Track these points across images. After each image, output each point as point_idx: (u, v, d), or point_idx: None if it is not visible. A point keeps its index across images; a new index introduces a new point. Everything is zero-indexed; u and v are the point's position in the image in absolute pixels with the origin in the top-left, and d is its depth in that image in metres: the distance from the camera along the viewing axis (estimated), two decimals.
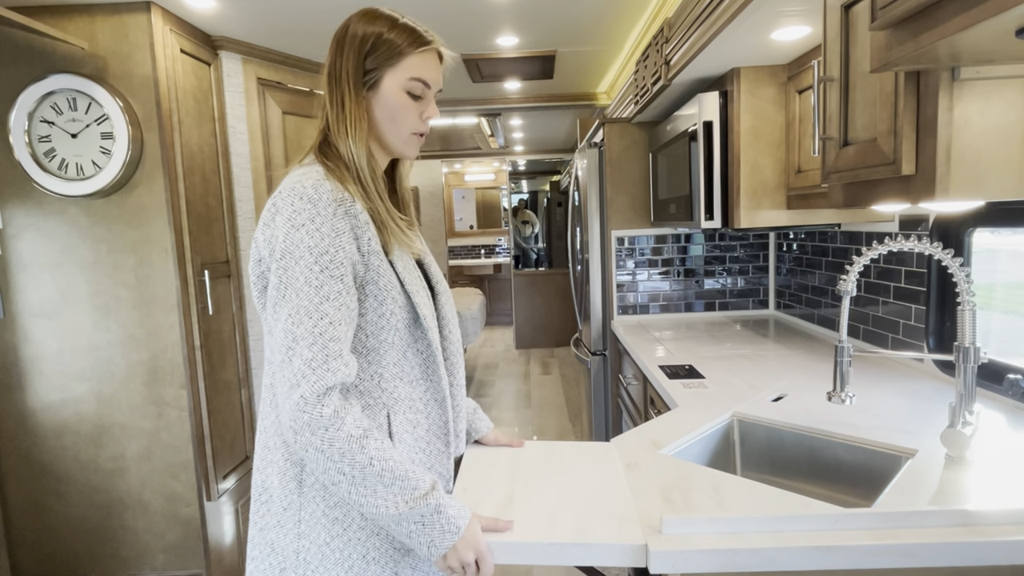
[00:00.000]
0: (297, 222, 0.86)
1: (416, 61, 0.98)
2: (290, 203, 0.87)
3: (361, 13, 0.99)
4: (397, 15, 1.00)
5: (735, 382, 1.67)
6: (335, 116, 0.98)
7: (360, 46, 0.96)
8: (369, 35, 0.96)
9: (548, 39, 2.82)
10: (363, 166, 0.96)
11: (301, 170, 0.94)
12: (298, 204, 0.87)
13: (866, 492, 1.23)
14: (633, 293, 2.83)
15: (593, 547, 0.88)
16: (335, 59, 0.98)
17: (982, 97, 0.97)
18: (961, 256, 1.52)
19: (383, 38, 0.96)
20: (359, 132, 0.97)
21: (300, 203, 0.87)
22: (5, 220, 2.18)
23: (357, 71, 0.97)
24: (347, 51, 0.97)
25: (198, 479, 2.30)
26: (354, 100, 0.97)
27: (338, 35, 1.00)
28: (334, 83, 0.98)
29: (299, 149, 2.89)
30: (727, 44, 1.64)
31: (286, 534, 0.91)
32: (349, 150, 0.96)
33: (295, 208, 0.87)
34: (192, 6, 2.19)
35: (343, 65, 0.97)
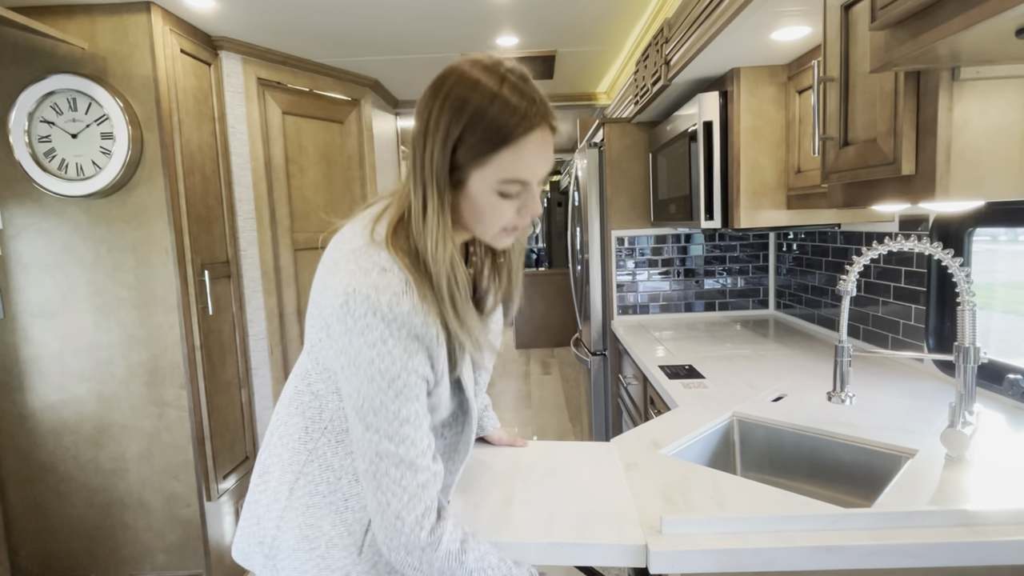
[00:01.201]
0: (370, 340, 0.79)
1: (512, 156, 0.81)
2: (363, 315, 0.79)
3: (461, 74, 0.81)
4: (502, 70, 0.81)
5: (735, 382, 1.67)
6: (417, 208, 0.83)
7: (448, 130, 0.80)
8: (461, 116, 0.79)
9: (548, 39, 2.82)
10: (441, 284, 0.83)
11: (374, 257, 0.82)
12: (371, 320, 0.79)
13: (866, 492, 1.23)
14: (633, 293, 2.83)
15: (593, 547, 0.88)
16: (424, 133, 0.82)
17: (982, 97, 0.97)
18: (961, 256, 1.51)
19: (477, 122, 0.79)
20: (442, 243, 0.82)
21: (373, 319, 0.79)
22: (5, 220, 2.18)
23: (443, 165, 0.81)
24: (436, 132, 0.81)
25: (198, 479, 2.30)
26: (436, 200, 0.82)
27: (434, 96, 0.82)
28: (419, 168, 0.83)
29: (299, 149, 2.89)
30: (727, 44, 1.64)
31: (270, 518, 0.94)
32: (429, 257, 0.82)
33: (367, 323, 0.79)
34: (192, 6, 2.19)
35: (429, 150, 0.81)
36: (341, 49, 2.77)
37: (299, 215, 2.90)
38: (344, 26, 2.45)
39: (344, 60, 2.96)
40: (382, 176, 3.48)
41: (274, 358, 2.77)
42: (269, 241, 2.72)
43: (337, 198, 3.12)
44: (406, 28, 2.53)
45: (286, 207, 2.83)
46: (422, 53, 2.92)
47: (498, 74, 0.81)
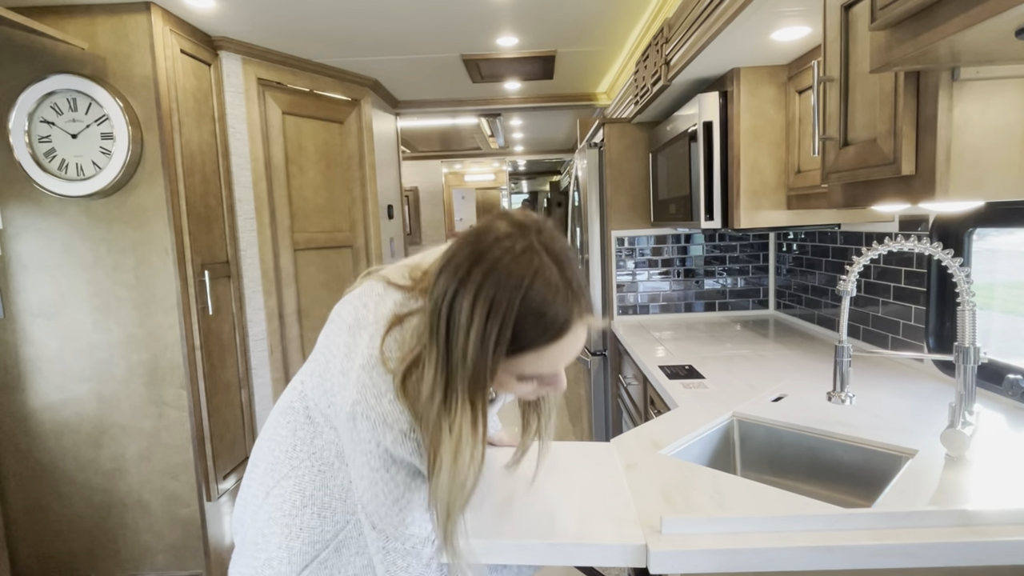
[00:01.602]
0: (372, 464, 0.80)
1: (545, 354, 0.74)
2: (367, 441, 0.78)
3: (495, 263, 0.70)
4: (542, 254, 0.71)
5: (735, 382, 1.67)
6: (437, 403, 0.75)
7: (484, 330, 0.70)
8: (497, 316, 0.69)
9: (548, 39, 2.82)
10: (456, 480, 0.78)
11: (391, 399, 0.77)
12: (374, 448, 0.79)
13: (866, 492, 1.23)
14: (633, 293, 2.83)
15: (593, 547, 0.88)
16: (454, 326, 0.71)
17: (982, 97, 0.97)
18: (961, 256, 1.51)
19: (513, 323, 0.70)
20: (469, 455, 0.76)
21: (376, 449, 0.79)
22: (5, 220, 2.18)
23: (481, 366, 0.72)
24: (470, 329, 0.70)
25: (198, 479, 2.30)
26: (469, 411, 0.74)
27: (465, 285, 0.71)
28: (442, 357, 0.73)
29: (299, 149, 2.89)
30: (727, 44, 1.64)
31: (248, 507, 0.98)
32: (445, 467, 0.77)
33: (370, 450, 0.79)
34: (192, 6, 2.19)
35: (460, 347, 0.71)
36: (341, 49, 2.77)
37: (299, 215, 2.90)
38: (344, 26, 2.45)
39: (344, 60, 2.96)
40: (382, 176, 3.48)
41: (274, 358, 2.77)
42: (269, 241, 2.72)
43: (337, 198, 3.12)
44: (406, 28, 2.53)
45: (286, 207, 2.83)
46: (422, 53, 2.92)
47: (537, 261, 0.71)
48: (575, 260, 0.75)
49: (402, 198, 4.05)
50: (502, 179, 8.11)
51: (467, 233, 0.76)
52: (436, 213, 6.99)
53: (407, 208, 6.16)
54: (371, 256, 3.28)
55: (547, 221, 0.77)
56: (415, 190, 6.75)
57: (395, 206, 3.78)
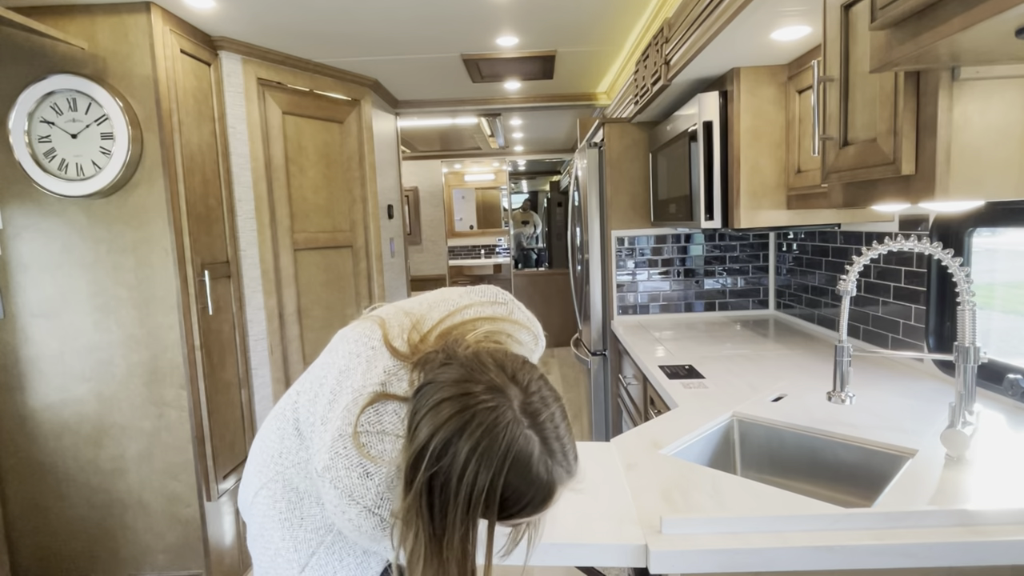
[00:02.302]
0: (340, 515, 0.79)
1: (523, 518, 0.75)
2: (336, 499, 0.78)
3: (493, 440, 0.68)
4: (546, 432, 0.72)
5: (735, 382, 1.67)
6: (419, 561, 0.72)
7: (474, 508, 0.69)
8: (486, 501, 0.69)
9: (548, 39, 2.82)
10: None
11: (362, 473, 0.77)
12: (340, 516, 0.79)
13: (866, 492, 1.23)
14: (633, 293, 2.83)
15: (593, 547, 0.88)
16: (447, 497, 0.69)
17: (982, 97, 0.97)
18: (961, 256, 1.51)
19: (501, 504, 0.70)
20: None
21: (342, 517, 0.79)
22: (5, 220, 2.18)
23: (466, 537, 0.70)
24: (456, 508, 0.69)
25: (198, 479, 2.30)
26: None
27: (457, 450, 0.68)
28: (428, 526, 0.71)
29: (299, 149, 2.89)
30: (727, 44, 1.64)
31: (246, 497, 1.00)
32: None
33: (339, 508, 0.79)
34: (192, 6, 2.19)
35: (452, 519, 0.69)
36: (341, 49, 2.77)
37: (299, 215, 2.90)
38: (344, 26, 2.45)
39: (344, 60, 2.96)
40: (382, 176, 3.48)
41: (274, 358, 2.77)
42: (269, 241, 2.72)
43: (337, 198, 3.12)
44: (406, 28, 2.53)
45: (286, 207, 2.83)
46: (422, 53, 2.92)
47: (521, 437, 0.70)
48: (560, 419, 0.74)
49: (402, 198, 4.05)
50: (502, 179, 8.10)
51: (448, 384, 0.72)
52: (436, 213, 6.99)
53: (407, 208, 6.16)
54: (371, 256, 3.28)
55: (530, 373, 0.75)
56: (415, 190, 6.75)
57: (395, 206, 3.78)
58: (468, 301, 0.94)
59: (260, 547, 0.96)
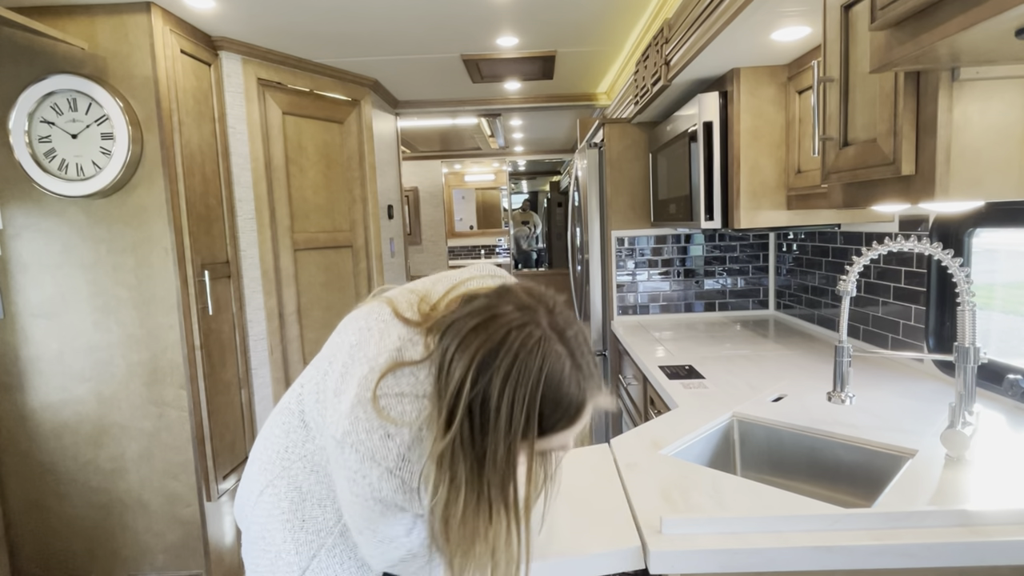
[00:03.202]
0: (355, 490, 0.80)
1: (557, 436, 0.76)
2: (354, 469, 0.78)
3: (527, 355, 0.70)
4: (571, 344, 0.74)
5: (735, 382, 1.67)
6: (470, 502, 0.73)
7: (514, 425, 0.70)
8: (533, 410, 0.71)
9: (548, 39, 2.82)
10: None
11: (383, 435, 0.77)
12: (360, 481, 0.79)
13: (866, 492, 1.23)
14: (633, 293, 2.83)
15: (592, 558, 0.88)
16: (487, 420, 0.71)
17: (982, 97, 0.97)
18: (961, 256, 1.51)
19: (539, 410, 0.71)
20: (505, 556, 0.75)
21: (362, 482, 0.79)
22: (5, 220, 2.18)
23: (508, 461, 0.72)
24: (502, 426, 0.70)
25: (198, 479, 2.30)
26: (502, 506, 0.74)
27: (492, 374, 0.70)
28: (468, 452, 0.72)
29: (299, 149, 2.89)
30: (727, 44, 1.64)
31: (247, 501, 0.99)
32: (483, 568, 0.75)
33: (356, 480, 0.79)
34: (192, 6, 2.19)
35: (492, 445, 0.71)
36: (341, 49, 2.77)
37: (299, 215, 2.90)
38: (344, 26, 2.45)
39: (344, 60, 2.96)
40: (382, 176, 3.48)
41: (274, 358, 2.77)
42: (269, 241, 2.72)
43: (337, 198, 3.12)
44: (406, 28, 2.53)
45: (286, 207, 2.83)
46: (422, 53, 2.92)
47: (552, 352, 0.72)
48: (584, 338, 0.77)
49: (402, 198, 4.05)
50: (502, 179, 8.11)
51: (476, 312, 0.74)
52: (436, 213, 6.99)
53: (407, 208, 6.16)
54: (371, 256, 3.28)
55: (553, 296, 0.78)
56: (415, 190, 6.75)
57: (395, 206, 3.78)
58: (469, 275, 0.95)
59: (259, 550, 0.95)
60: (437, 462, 0.72)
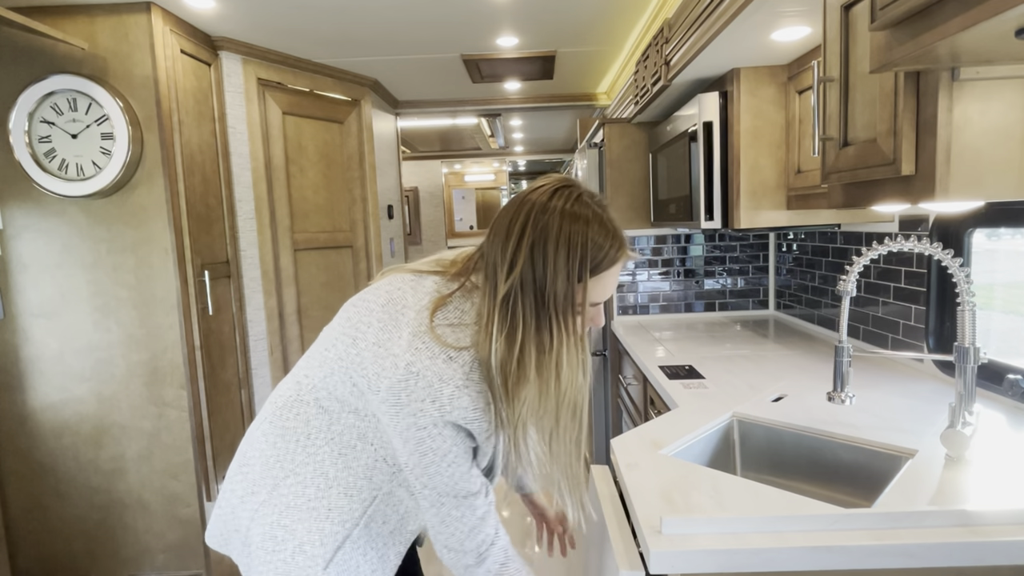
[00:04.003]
0: (420, 423, 0.84)
1: (599, 284, 0.87)
2: (420, 400, 0.83)
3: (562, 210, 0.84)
4: (593, 203, 0.87)
5: (735, 382, 1.67)
6: (544, 340, 0.85)
7: (567, 265, 0.83)
8: (575, 251, 0.83)
9: (548, 39, 2.82)
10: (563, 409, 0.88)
11: (441, 357, 0.84)
12: (427, 407, 0.84)
13: (866, 492, 1.23)
14: (633, 293, 2.83)
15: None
16: (539, 267, 0.82)
17: (982, 97, 0.97)
18: (961, 256, 1.51)
19: (584, 255, 0.84)
20: (580, 369, 0.88)
21: (431, 407, 0.84)
22: (5, 220, 2.18)
23: (567, 295, 0.84)
24: (556, 268, 0.82)
25: (198, 479, 2.30)
26: (571, 334, 0.86)
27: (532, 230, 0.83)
28: (529, 301, 0.83)
29: (299, 149, 2.89)
30: (727, 44, 1.64)
31: (245, 510, 0.97)
32: (563, 385, 0.87)
33: (423, 409, 0.84)
34: (192, 6, 2.19)
35: (551, 285, 0.82)
36: (341, 49, 2.77)
37: (299, 215, 2.90)
38: (344, 26, 2.45)
39: (344, 60, 2.96)
40: (382, 176, 3.48)
41: (274, 358, 2.77)
42: (269, 241, 2.72)
43: (337, 198, 3.12)
44: (406, 28, 2.53)
45: (286, 207, 2.83)
46: (422, 53, 2.92)
47: (588, 208, 0.86)
48: (608, 206, 0.90)
49: (402, 198, 4.05)
50: (502, 179, 8.10)
51: (512, 204, 0.87)
52: (436, 213, 6.99)
53: (407, 208, 6.16)
54: (371, 256, 3.28)
55: (573, 178, 0.89)
56: (415, 190, 6.75)
57: (395, 206, 3.78)
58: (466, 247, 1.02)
59: (268, 551, 0.92)
60: (501, 306, 0.83)
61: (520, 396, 0.85)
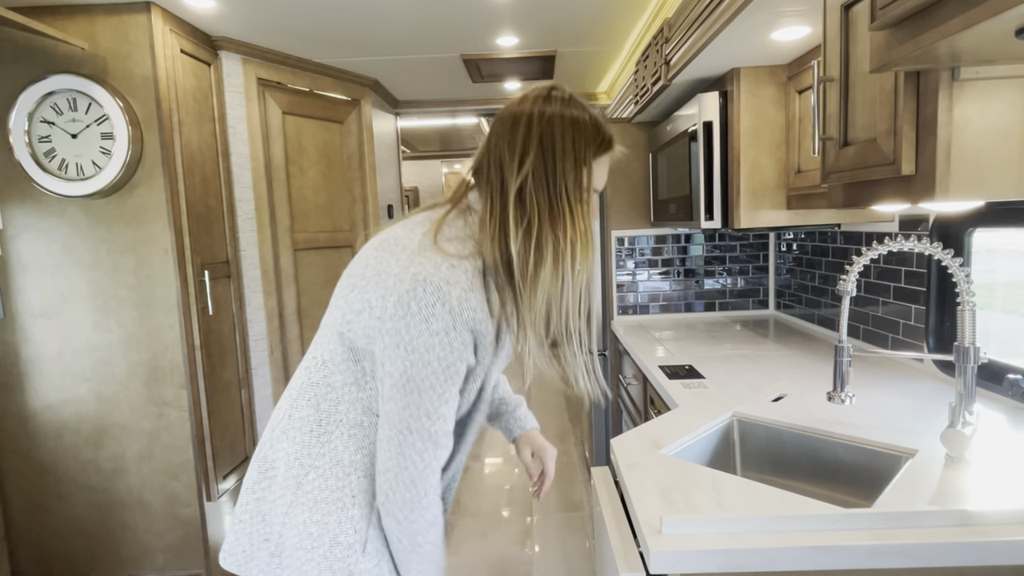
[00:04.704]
0: (433, 328, 0.84)
1: (601, 163, 0.94)
2: (431, 304, 0.84)
3: (561, 112, 0.90)
4: (584, 102, 0.94)
5: (735, 382, 1.67)
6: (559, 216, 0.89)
7: (576, 151, 0.90)
8: (585, 135, 0.90)
9: (548, 39, 2.82)
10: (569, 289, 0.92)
11: (446, 265, 0.87)
12: (439, 310, 0.84)
13: (866, 492, 1.23)
14: (633, 293, 2.83)
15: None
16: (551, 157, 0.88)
17: (982, 97, 0.97)
18: (961, 256, 1.51)
19: (586, 143, 0.90)
20: (590, 244, 0.92)
21: (441, 310, 0.84)
22: (5, 220, 2.18)
23: (577, 179, 0.90)
24: (565, 155, 0.88)
25: (198, 479, 2.30)
26: (581, 209, 0.91)
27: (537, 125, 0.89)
28: (544, 186, 0.88)
29: (299, 149, 2.89)
30: (727, 44, 1.64)
31: (275, 514, 0.96)
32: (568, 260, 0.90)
33: (434, 312, 0.84)
34: (192, 6, 2.19)
35: (561, 171, 0.88)
36: (341, 49, 2.77)
37: (299, 215, 2.90)
38: (344, 26, 2.45)
39: (344, 60, 2.96)
40: (382, 176, 3.48)
41: (274, 358, 2.77)
42: (269, 241, 2.72)
43: (337, 198, 3.12)
44: (406, 28, 2.53)
45: (286, 207, 2.83)
46: (422, 53, 2.92)
47: (579, 103, 0.93)
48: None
49: (402, 198, 4.05)
50: None
51: (508, 110, 0.92)
52: None
53: (407, 208, 6.16)
54: None
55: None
56: (415, 190, 6.76)
57: (395, 206, 3.78)
58: None
59: (307, 548, 0.92)
60: (515, 200, 0.88)
61: (539, 286, 0.88)
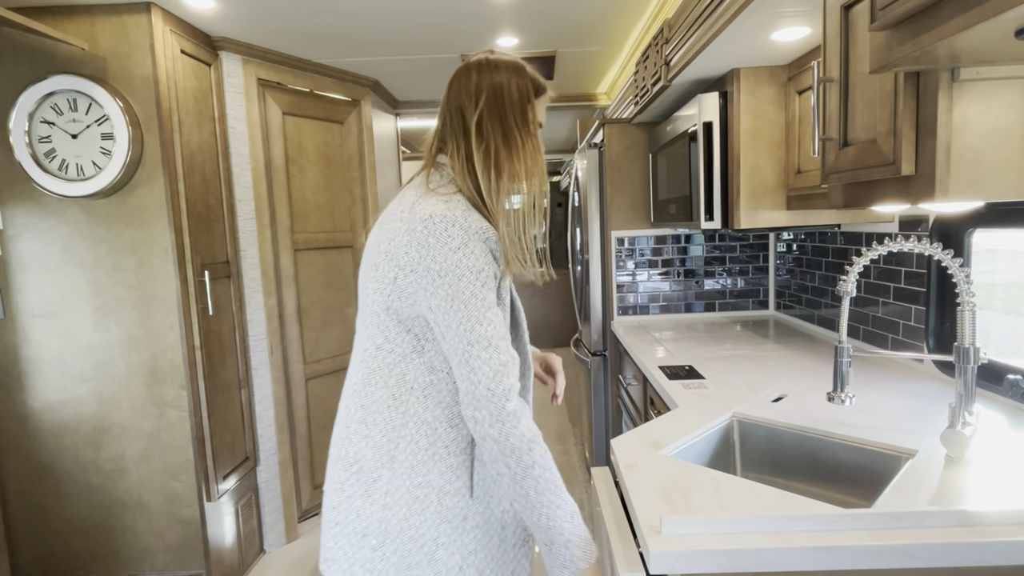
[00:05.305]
0: (453, 246, 0.96)
1: (540, 103, 1.12)
2: (444, 229, 0.97)
3: (499, 58, 1.09)
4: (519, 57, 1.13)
5: (735, 382, 1.67)
6: (514, 144, 1.07)
7: (520, 90, 1.08)
8: (527, 78, 1.09)
9: (548, 40, 2.82)
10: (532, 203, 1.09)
11: (442, 201, 1.01)
12: (452, 231, 0.97)
13: (866, 492, 1.23)
14: (633, 294, 2.83)
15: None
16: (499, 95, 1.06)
17: (982, 97, 0.97)
18: (961, 256, 1.52)
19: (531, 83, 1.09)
20: (541, 161, 1.10)
21: (453, 229, 0.97)
22: (5, 220, 2.18)
23: (523, 111, 1.08)
24: (510, 93, 1.06)
25: (198, 479, 2.30)
26: (529, 136, 1.09)
27: (491, 72, 1.07)
28: (495, 120, 1.06)
29: (299, 149, 2.89)
30: (727, 45, 1.64)
31: (372, 503, 1.00)
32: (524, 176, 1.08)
33: (449, 234, 0.97)
34: (192, 7, 2.19)
35: (511, 103, 1.06)
36: (341, 49, 2.77)
37: (299, 215, 2.90)
38: (344, 26, 2.45)
39: (344, 60, 2.96)
40: (382, 176, 3.48)
41: (274, 358, 2.77)
42: (269, 241, 2.72)
43: (337, 198, 3.12)
44: (406, 29, 2.53)
45: (286, 207, 2.83)
46: (422, 54, 2.92)
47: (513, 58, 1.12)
48: None
49: None
50: None
51: (459, 68, 1.10)
52: None
53: None
54: None
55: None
56: None
57: None
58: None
59: (417, 512, 0.98)
60: (476, 130, 1.05)
61: (502, 188, 1.05)
